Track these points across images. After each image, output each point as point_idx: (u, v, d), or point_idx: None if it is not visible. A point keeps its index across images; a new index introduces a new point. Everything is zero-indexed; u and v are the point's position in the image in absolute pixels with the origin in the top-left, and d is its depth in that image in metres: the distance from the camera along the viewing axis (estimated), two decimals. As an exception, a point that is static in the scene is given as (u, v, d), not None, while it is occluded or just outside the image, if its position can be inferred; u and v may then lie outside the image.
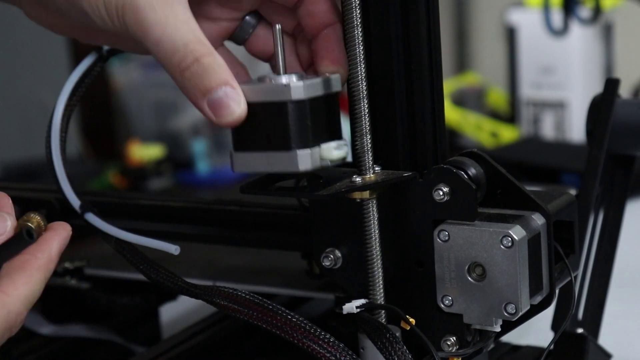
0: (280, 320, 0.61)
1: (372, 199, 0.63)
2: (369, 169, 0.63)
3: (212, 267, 0.84)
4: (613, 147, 0.76)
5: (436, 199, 0.62)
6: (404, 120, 0.64)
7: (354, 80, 0.63)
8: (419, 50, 0.63)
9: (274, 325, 0.61)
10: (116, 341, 0.85)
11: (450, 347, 0.64)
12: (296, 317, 0.61)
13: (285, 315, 0.61)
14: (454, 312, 0.63)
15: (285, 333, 0.61)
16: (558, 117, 1.81)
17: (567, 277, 0.65)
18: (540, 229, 0.62)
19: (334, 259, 0.66)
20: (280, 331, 0.61)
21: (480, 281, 0.62)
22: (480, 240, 0.61)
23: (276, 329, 0.61)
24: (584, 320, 0.75)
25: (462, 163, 0.63)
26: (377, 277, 0.64)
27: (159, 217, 0.78)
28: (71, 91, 0.71)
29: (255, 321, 0.62)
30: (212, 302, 0.64)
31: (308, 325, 0.61)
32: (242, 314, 0.62)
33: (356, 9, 0.62)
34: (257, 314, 0.62)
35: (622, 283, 0.83)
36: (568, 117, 1.80)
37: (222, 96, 0.60)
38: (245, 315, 0.62)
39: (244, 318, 0.62)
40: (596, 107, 0.76)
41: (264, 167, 0.61)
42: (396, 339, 0.61)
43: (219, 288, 0.64)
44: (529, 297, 0.62)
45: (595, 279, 0.76)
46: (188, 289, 0.66)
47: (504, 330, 0.64)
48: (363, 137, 0.63)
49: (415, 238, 0.64)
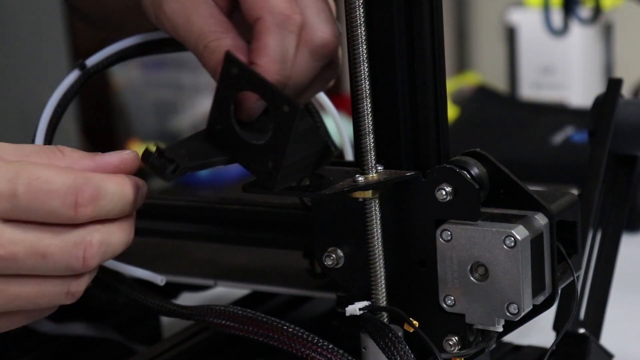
0: (277, 332, 0.61)
1: (375, 199, 0.63)
2: (372, 169, 0.63)
3: (213, 266, 0.84)
4: (615, 147, 0.75)
5: (439, 199, 0.62)
6: (407, 119, 0.64)
7: (357, 79, 0.63)
8: (422, 50, 0.63)
9: (271, 337, 0.62)
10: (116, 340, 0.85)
11: (452, 347, 0.64)
12: (292, 327, 0.61)
13: (281, 327, 0.61)
14: (456, 312, 0.63)
15: (283, 344, 0.61)
16: (558, 117, 1.81)
17: (570, 277, 0.64)
18: (543, 229, 0.62)
19: (336, 258, 0.66)
20: (278, 343, 0.61)
21: (482, 281, 0.62)
22: (482, 240, 0.61)
23: (273, 341, 0.61)
24: (585, 320, 0.75)
25: (465, 163, 0.63)
26: (379, 276, 0.64)
27: (160, 215, 0.78)
28: (54, 109, 0.70)
29: (250, 335, 0.62)
30: (205, 322, 0.64)
31: (305, 334, 0.61)
32: (236, 329, 0.63)
33: (359, 8, 0.62)
34: (252, 328, 0.62)
35: (624, 283, 0.83)
36: (568, 117, 1.80)
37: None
38: (240, 331, 0.63)
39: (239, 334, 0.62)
40: (599, 107, 0.76)
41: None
42: (399, 339, 0.61)
43: (210, 307, 0.65)
44: (532, 297, 0.62)
45: (597, 279, 0.76)
46: (179, 311, 0.66)
47: (506, 331, 0.64)
48: (366, 136, 0.63)
49: (418, 238, 0.64)
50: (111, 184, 0.60)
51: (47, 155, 0.61)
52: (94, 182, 0.59)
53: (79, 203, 0.58)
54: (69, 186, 0.58)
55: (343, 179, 0.63)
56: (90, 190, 0.58)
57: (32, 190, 0.57)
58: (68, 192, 0.58)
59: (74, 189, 0.58)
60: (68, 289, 0.61)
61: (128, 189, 0.61)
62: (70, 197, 0.58)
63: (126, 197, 0.60)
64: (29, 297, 0.60)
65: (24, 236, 0.58)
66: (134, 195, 0.61)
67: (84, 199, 0.58)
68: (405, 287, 0.65)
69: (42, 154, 0.61)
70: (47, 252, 0.59)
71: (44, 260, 0.59)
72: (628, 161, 0.77)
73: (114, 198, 0.60)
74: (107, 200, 0.59)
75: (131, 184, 0.61)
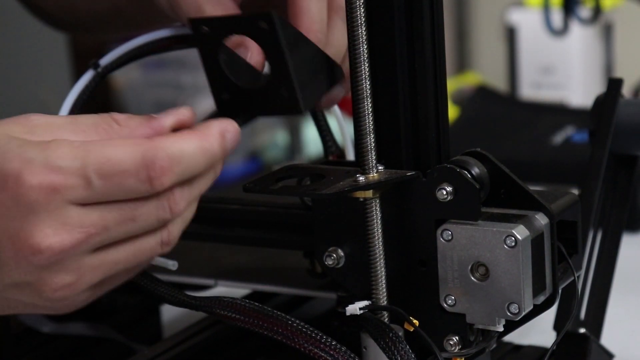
0: (281, 326, 0.61)
1: (375, 198, 0.63)
2: (372, 168, 0.63)
3: (214, 265, 0.84)
4: (616, 148, 0.75)
5: (439, 199, 0.62)
6: (408, 119, 0.64)
7: (357, 79, 0.63)
8: (422, 50, 0.63)
9: (275, 331, 0.62)
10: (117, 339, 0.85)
11: (452, 346, 0.64)
12: (297, 322, 0.61)
13: (285, 321, 0.61)
14: (456, 311, 0.63)
15: (287, 339, 0.61)
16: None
17: (570, 277, 0.64)
18: (543, 228, 0.62)
19: (336, 258, 0.66)
20: (281, 337, 0.61)
21: (483, 281, 0.62)
22: (483, 240, 0.61)
23: (277, 335, 0.61)
24: (586, 320, 0.75)
25: (466, 162, 0.63)
26: (379, 276, 0.64)
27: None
28: (69, 110, 0.70)
29: (255, 328, 0.62)
30: (212, 313, 0.64)
31: (309, 329, 0.61)
32: (242, 322, 0.63)
33: (360, 8, 0.62)
34: (257, 321, 0.62)
35: (624, 283, 0.83)
36: (568, 117, 1.80)
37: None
38: (246, 324, 0.63)
39: (244, 326, 0.62)
40: (599, 107, 0.76)
41: None
42: (399, 339, 0.61)
43: (218, 298, 0.65)
44: (532, 297, 0.62)
45: (598, 279, 0.76)
46: (188, 301, 0.66)
47: (506, 330, 0.64)
48: (366, 136, 0.63)
49: (418, 237, 0.64)
50: (187, 145, 0.59)
51: (104, 128, 0.61)
52: (164, 151, 0.58)
53: (152, 177, 0.57)
54: (139, 162, 0.57)
55: (344, 179, 0.63)
56: (160, 162, 0.57)
57: (105, 175, 0.57)
58: (140, 168, 0.57)
59: (145, 164, 0.57)
60: (161, 239, 0.61)
61: (209, 143, 0.60)
62: (143, 173, 0.57)
63: (209, 151, 0.60)
64: (127, 259, 0.60)
65: (109, 211, 0.58)
66: (219, 146, 0.60)
67: (157, 172, 0.57)
68: (405, 287, 0.65)
69: (98, 127, 0.61)
70: (136, 215, 0.59)
71: (135, 223, 0.59)
72: (628, 161, 0.77)
73: (193, 159, 0.59)
74: (184, 164, 0.59)
75: (212, 137, 0.60)
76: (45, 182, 0.56)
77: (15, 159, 0.57)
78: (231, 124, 0.61)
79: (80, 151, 0.57)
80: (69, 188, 0.57)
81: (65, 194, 0.57)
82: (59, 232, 0.57)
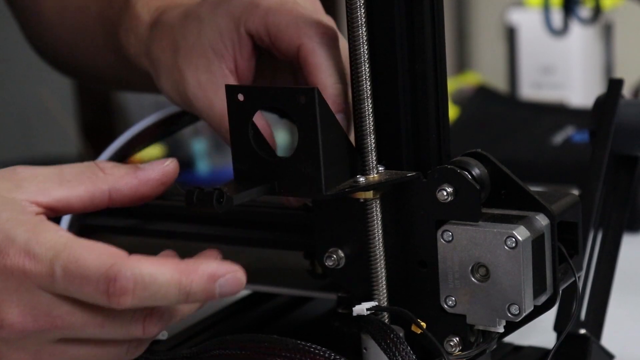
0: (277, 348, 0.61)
1: (376, 199, 0.63)
2: (373, 169, 0.63)
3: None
4: (616, 148, 0.75)
5: (440, 199, 0.62)
6: (408, 120, 0.64)
7: (358, 80, 0.63)
8: (423, 50, 0.63)
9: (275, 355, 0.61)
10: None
11: (453, 347, 0.64)
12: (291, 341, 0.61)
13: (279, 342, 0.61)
14: (457, 312, 0.63)
15: None
16: (558, 117, 1.81)
17: (571, 277, 0.64)
18: (544, 229, 0.62)
19: (336, 259, 0.66)
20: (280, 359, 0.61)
21: (483, 282, 0.62)
22: (484, 241, 0.61)
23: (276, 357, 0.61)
24: (586, 321, 0.75)
25: (466, 163, 0.63)
26: (380, 277, 0.64)
27: (160, 216, 0.78)
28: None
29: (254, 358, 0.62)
30: None
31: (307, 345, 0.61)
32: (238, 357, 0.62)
33: (360, 9, 0.62)
34: (251, 352, 0.62)
35: (625, 284, 0.83)
36: (568, 117, 1.80)
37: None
38: (243, 358, 0.62)
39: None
40: (599, 108, 0.76)
41: None
42: (400, 340, 0.61)
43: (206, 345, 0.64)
44: (533, 297, 0.62)
45: (598, 280, 0.76)
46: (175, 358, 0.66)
47: (507, 331, 0.64)
48: (367, 136, 0.63)
49: (419, 238, 0.64)
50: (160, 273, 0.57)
51: (87, 176, 0.62)
52: (131, 271, 0.56)
53: (110, 292, 0.56)
54: (102, 273, 0.56)
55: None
56: (122, 281, 0.56)
57: (68, 274, 0.57)
58: (101, 280, 0.56)
59: (106, 278, 0.56)
60: (128, 348, 0.61)
61: (187, 280, 0.58)
62: (102, 286, 0.57)
63: (184, 289, 0.58)
64: (87, 358, 0.60)
65: (81, 310, 0.58)
66: (200, 288, 0.58)
67: (116, 289, 0.56)
68: (406, 288, 0.65)
69: (82, 175, 0.62)
70: (105, 323, 0.59)
71: (102, 330, 0.59)
72: (629, 161, 0.77)
73: (163, 290, 0.57)
74: (151, 291, 0.57)
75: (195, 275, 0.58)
76: (17, 265, 0.58)
77: (1, 234, 0.58)
78: (232, 271, 0.59)
79: (58, 244, 0.58)
80: (37, 275, 0.58)
81: (35, 280, 0.58)
82: (25, 314, 0.58)
